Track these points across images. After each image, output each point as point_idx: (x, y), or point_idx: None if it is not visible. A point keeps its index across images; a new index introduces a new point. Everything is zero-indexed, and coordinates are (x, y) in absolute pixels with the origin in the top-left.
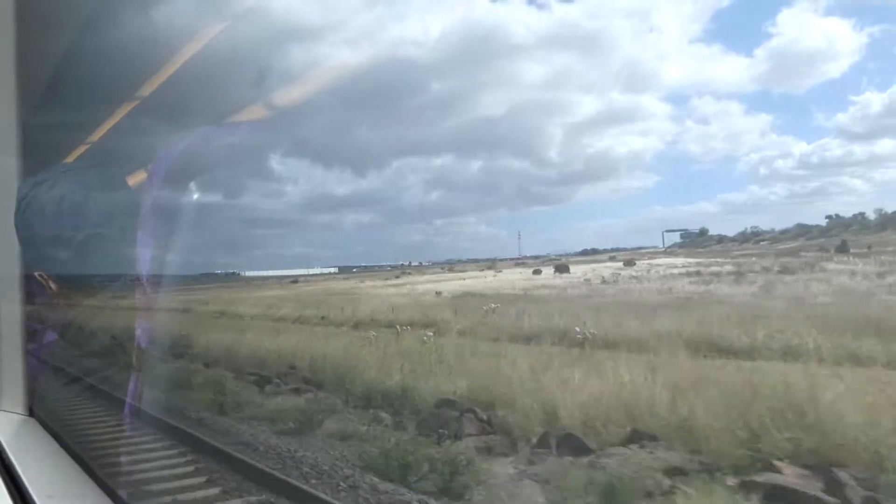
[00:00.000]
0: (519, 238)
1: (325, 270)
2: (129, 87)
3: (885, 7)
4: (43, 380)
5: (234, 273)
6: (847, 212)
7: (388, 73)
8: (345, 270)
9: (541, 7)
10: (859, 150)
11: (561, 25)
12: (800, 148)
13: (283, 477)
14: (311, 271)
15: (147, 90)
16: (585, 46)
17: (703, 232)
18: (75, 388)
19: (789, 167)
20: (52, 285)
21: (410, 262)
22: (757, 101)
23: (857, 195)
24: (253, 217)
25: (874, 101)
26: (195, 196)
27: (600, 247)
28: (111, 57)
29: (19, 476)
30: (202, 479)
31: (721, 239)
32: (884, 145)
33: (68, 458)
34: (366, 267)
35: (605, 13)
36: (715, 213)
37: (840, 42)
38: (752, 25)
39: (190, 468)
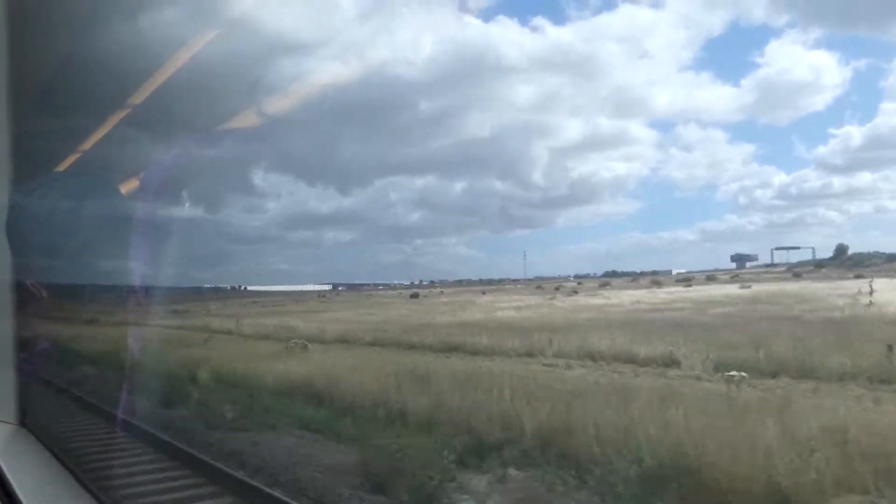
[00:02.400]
0: (524, 258)
1: (321, 287)
2: (120, 99)
3: (870, 41)
4: (36, 391)
5: (239, 287)
6: (825, 243)
7: (378, 90)
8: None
9: (535, 29)
10: (837, 182)
11: (554, 48)
12: (779, 178)
13: None
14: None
15: (136, 101)
16: (576, 70)
17: (842, 249)
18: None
19: (768, 197)
20: (45, 294)
21: (417, 282)
22: (741, 130)
23: (834, 227)
24: (236, 233)
25: (854, 134)
26: (188, 211)
27: (584, 271)
28: (102, 70)
29: (11, 485)
30: None
31: (892, 258)
32: (862, 178)
33: (60, 467)
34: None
35: (599, 37)
36: (693, 240)
37: (825, 75)
38: (741, 55)
39: None
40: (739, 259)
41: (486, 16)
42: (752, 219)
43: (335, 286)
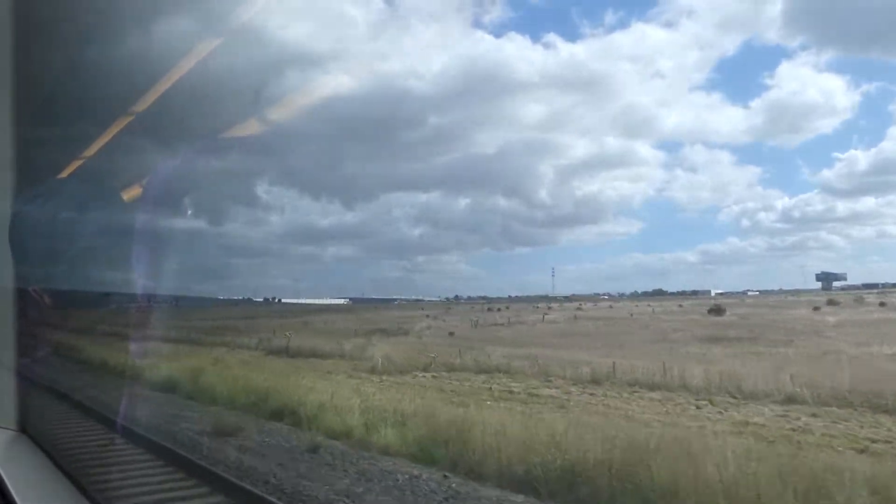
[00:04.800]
0: (553, 275)
1: (336, 301)
2: (123, 107)
3: (882, 64)
4: (37, 398)
5: (273, 300)
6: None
7: (386, 104)
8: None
9: (547, 46)
10: (841, 206)
11: (565, 66)
12: (783, 202)
13: None
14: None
15: (140, 109)
16: (587, 88)
17: None
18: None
19: (771, 220)
20: (48, 301)
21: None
22: (748, 152)
23: (835, 251)
24: (244, 245)
25: (860, 158)
26: (199, 223)
27: (580, 290)
28: (106, 77)
29: (9, 491)
30: None
31: None
32: (865, 203)
33: (59, 473)
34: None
35: (612, 56)
36: (693, 262)
37: (835, 98)
38: (752, 76)
39: None
40: (826, 278)
41: (498, 31)
42: (753, 241)
43: (350, 300)
